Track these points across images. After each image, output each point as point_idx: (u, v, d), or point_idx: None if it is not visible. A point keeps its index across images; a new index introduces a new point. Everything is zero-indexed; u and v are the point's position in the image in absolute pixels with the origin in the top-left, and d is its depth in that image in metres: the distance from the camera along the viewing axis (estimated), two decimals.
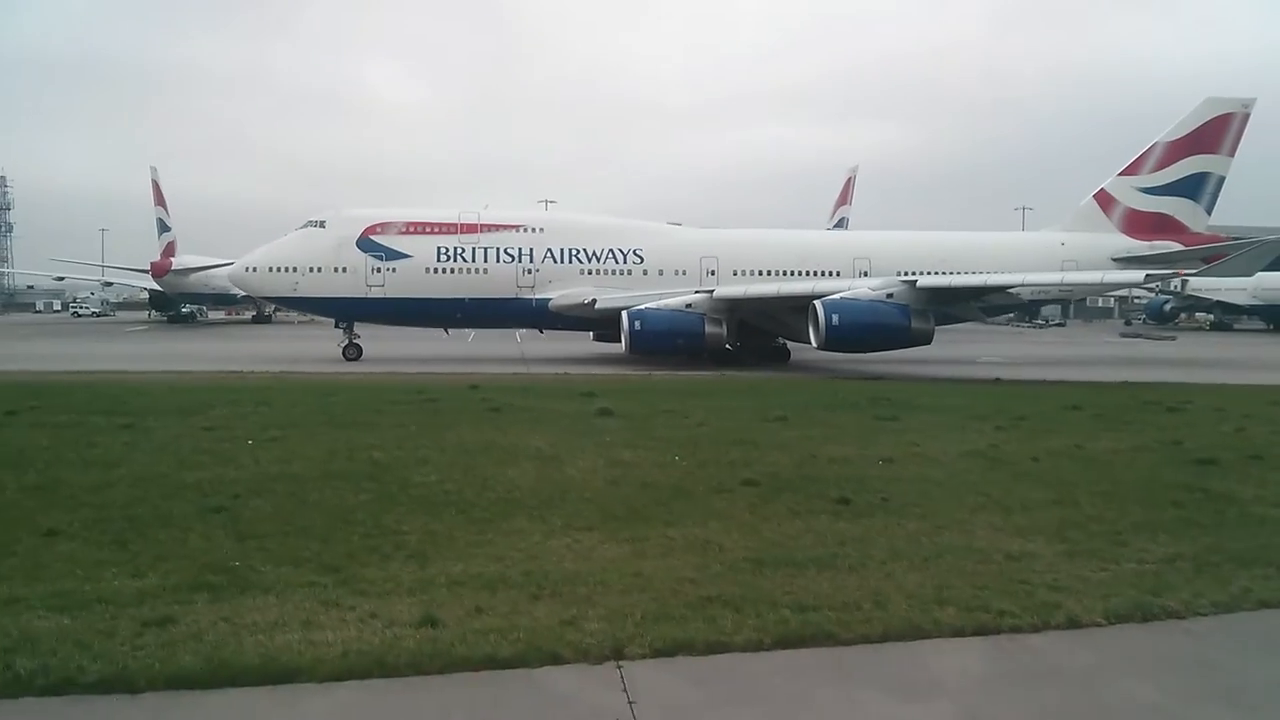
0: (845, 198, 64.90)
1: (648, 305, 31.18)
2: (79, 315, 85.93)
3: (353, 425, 15.57)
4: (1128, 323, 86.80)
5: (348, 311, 33.31)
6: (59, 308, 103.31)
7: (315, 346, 35.76)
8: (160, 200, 67.88)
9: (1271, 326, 73.24)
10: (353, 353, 33.02)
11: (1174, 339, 59.59)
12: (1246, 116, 37.79)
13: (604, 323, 33.42)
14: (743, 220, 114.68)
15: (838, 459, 13.22)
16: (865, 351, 31.23)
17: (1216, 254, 36.62)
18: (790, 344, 35.04)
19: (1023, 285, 32.21)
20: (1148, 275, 33.65)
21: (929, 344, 30.54)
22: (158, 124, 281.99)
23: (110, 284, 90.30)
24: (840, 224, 63.45)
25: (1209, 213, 38.67)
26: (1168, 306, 78.87)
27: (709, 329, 30.91)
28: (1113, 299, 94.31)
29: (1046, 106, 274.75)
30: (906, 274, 31.43)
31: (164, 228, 67.62)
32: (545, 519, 9.99)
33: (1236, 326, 77.29)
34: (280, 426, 15.19)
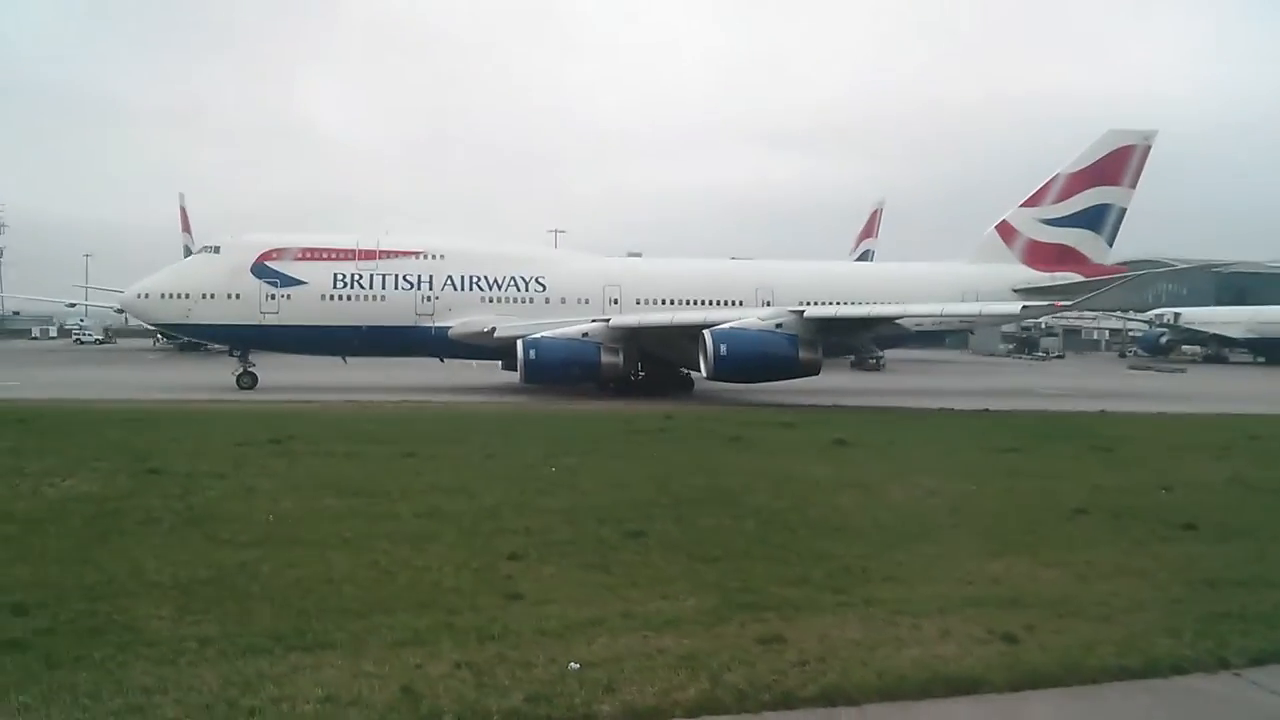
0: (870, 230, 65.95)
1: (543, 334, 30.91)
2: (81, 342, 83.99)
3: (622, 456, 16.18)
4: (1122, 355, 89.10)
5: (241, 339, 32.85)
6: (54, 334, 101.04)
7: (372, 375, 35.76)
8: (186, 226, 67.23)
9: (1263, 360, 75.55)
10: (247, 381, 32.26)
11: (1184, 371, 61.26)
12: (1148, 149, 38.29)
13: (504, 351, 32.62)
14: (705, 252, 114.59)
15: (1123, 489, 13.95)
16: (754, 381, 31.23)
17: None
18: (694, 374, 33.76)
19: (903, 316, 32.29)
20: (1024, 307, 33.41)
21: (817, 374, 30.73)
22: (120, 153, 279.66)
23: (121, 310, 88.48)
24: (864, 257, 64.60)
25: (1110, 244, 39.27)
26: (1163, 339, 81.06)
27: (605, 358, 30.74)
28: (1107, 331, 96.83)
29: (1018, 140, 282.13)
30: (809, 304, 31.73)
31: (189, 254, 66.74)
32: (945, 543, 10.58)
33: (1231, 359, 79.70)
34: (556, 455, 15.74)
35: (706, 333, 29.09)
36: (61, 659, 6.79)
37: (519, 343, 30.33)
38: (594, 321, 31.90)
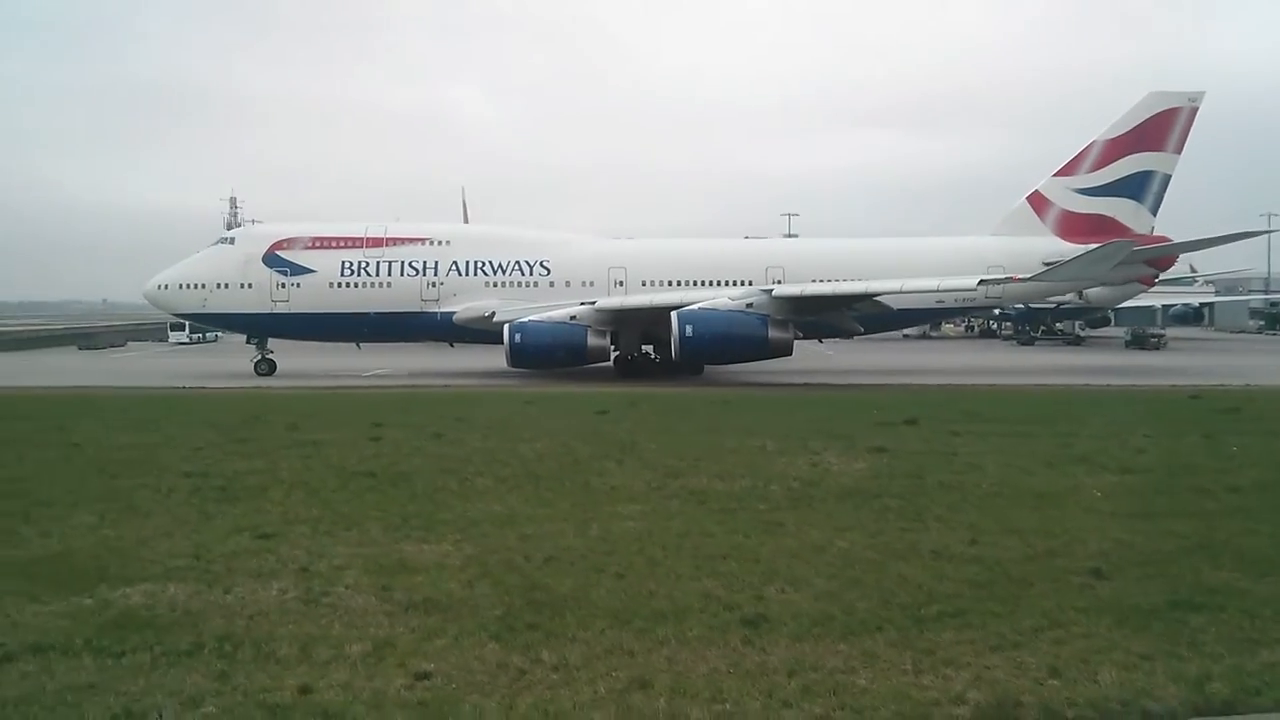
0: None
1: (530, 318, 30.86)
2: None
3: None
4: None
5: (254, 327, 34.05)
6: None
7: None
8: (465, 219, 70.57)
9: None
10: (265, 368, 33.64)
11: None
12: (1194, 111, 35.60)
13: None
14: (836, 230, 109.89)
15: None
16: (723, 362, 31.16)
17: (1167, 255, 36.24)
18: None
19: (868, 294, 30.89)
20: (981, 281, 30.30)
21: (789, 354, 30.14)
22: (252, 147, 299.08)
23: None
24: None
25: (1154, 213, 36.37)
26: None
27: (592, 341, 30.51)
28: None
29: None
30: (821, 283, 31.33)
31: None
32: None
33: None
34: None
35: (674, 314, 29.14)
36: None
37: (506, 327, 30.45)
38: (582, 304, 31.68)
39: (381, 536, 10.21)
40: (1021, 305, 57.85)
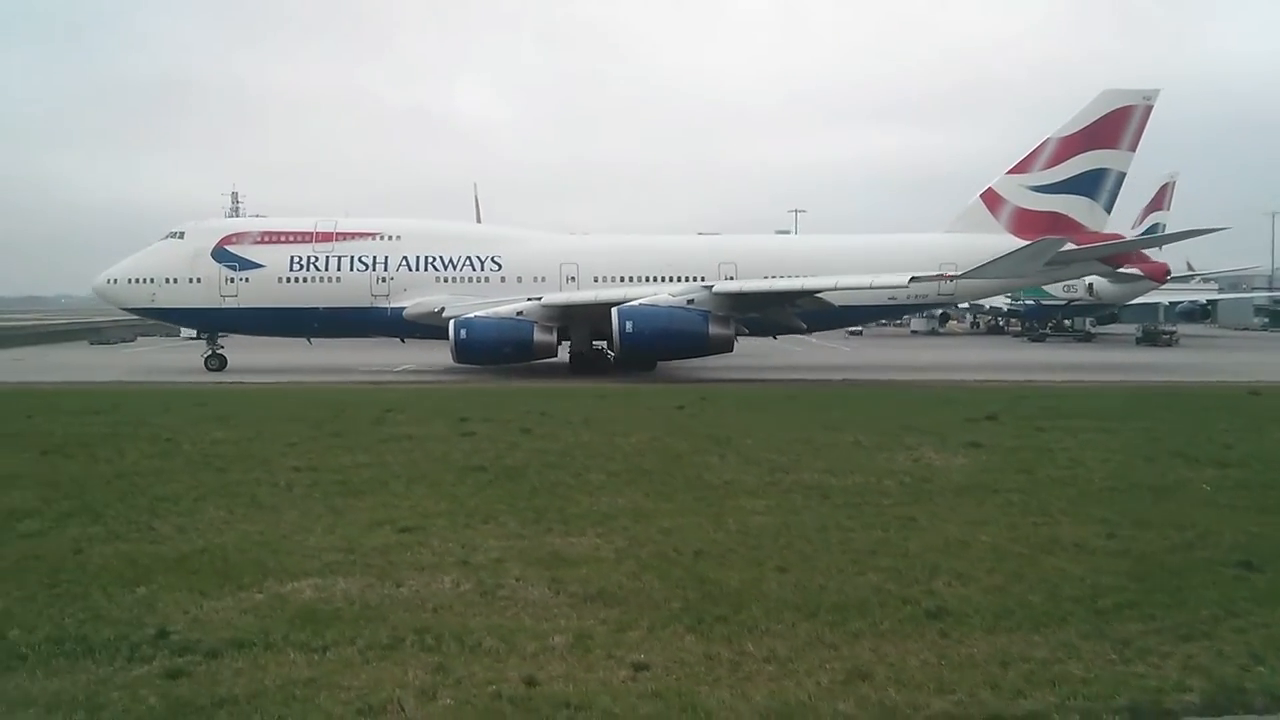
0: (1160, 203, 63.12)
1: (476, 313, 30.73)
2: None
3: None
4: None
5: (203, 322, 34.08)
6: None
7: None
8: (479, 218, 70.60)
9: None
10: (215, 363, 33.60)
11: None
12: (1149, 109, 35.77)
13: None
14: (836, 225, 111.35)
15: None
16: (664, 358, 31.38)
17: (1121, 253, 37.10)
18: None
19: (805, 290, 30.80)
20: (912, 278, 29.87)
21: (730, 350, 30.41)
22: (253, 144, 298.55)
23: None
24: (1151, 230, 61.87)
25: (1109, 211, 36.79)
26: None
27: (539, 337, 30.39)
28: None
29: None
30: (774, 279, 31.47)
31: None
32: None
33: None
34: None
35: (615, 310, 29.13)
36: None
37: (451, 322, 30.34)
38: (529, 300, 31.47)
39: (522, 530, 10.32)
40: (1033, 301, 59.51)
